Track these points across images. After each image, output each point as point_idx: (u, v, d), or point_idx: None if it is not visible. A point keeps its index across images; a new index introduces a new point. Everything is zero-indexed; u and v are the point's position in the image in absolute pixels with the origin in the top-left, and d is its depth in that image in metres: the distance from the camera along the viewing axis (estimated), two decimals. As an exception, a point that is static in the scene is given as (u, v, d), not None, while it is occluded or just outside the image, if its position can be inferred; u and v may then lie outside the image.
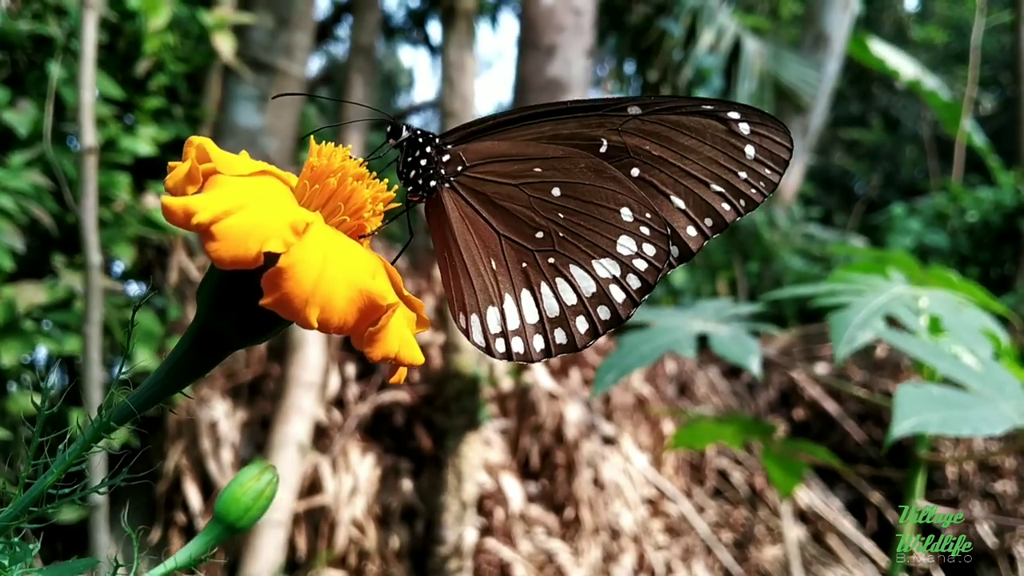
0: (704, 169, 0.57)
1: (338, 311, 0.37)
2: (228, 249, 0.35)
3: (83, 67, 1.71)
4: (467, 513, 2.63)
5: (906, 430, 0.92)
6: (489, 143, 0.57)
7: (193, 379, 0.43)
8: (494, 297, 0.55)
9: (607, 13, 5.13)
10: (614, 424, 3.14)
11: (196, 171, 0.38)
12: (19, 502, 0.36)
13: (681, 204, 0.57)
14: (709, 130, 0.56)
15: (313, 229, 0.38)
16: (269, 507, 0.47)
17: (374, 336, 0.39)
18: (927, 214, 5.18)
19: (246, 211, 0.36)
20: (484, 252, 0.56)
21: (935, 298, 1.28)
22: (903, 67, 6.03)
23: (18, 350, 2.25)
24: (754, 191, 0.57)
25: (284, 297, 0.36)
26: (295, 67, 3.07)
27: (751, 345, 1.25)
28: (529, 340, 0.56)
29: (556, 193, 0.56)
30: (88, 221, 1.69)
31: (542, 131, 0.57)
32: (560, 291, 0.56)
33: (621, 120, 0.56)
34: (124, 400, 0.40)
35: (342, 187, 0.43)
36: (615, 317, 0.56)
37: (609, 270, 0.56)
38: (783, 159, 0.57)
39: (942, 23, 9.61)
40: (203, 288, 0.41)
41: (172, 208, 0.35)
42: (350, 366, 2.84)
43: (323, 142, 0.44)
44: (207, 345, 0.42)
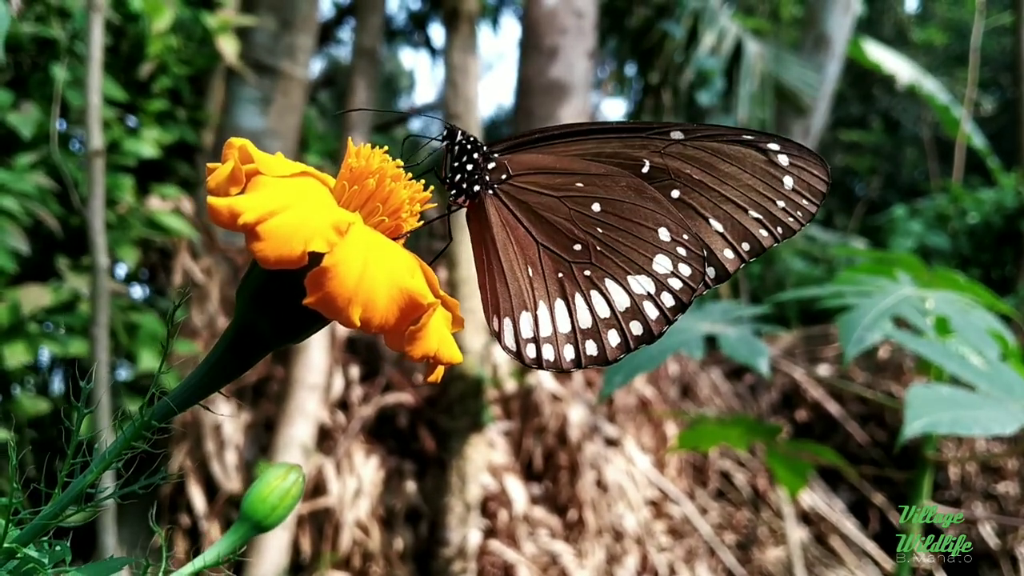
0: (743, 196, 0.58)
1: (380, 310, 0.38)
2: (273, 249, 0.35)
3: (90, 70, 1.72)
4: (471, 515, 2.63)
5: (917, 430, 0.93)
6: (534, 155, 0.58)
7: (231, 379, 0.43)
8: (528, 303, 0.56)
9: (608, 15, 5.14)
10: (617, 426, 3.14)
11: (239, 172, 0.39)
12: (58, 501, 0.37)
13: (719, 228, 0.58)
14: (749, 159, 0.57)
15: (354, 229, 0.38)
16: (295, 507, 0.48)
17: (415, 335, 0.39)
18: (928, 216, 5.19)
19: (290, 211, 0.36)
20: (522, 259, 0.56)
21: (942, 299, 1.29)
22: (901, 70, 6.04)
23: (23, 352, 2.25)
24: (791, 220, 0.58)
25: (327, 296, 0.36)
26: (298, 69, 3.07)
27: (759, 346, 1.26)
28: (560, 349, 0.56)
29: (596, 208, 0.57)
30: (96, 224, 1.70)
31: (586, 148, 0.58)
32: (594, 303, 0.56)
33: (664, 143, 0.58)
34: (164, 399, 0.40)
35: (380, 188, 0.43)
36: (647, 333, 0.57)
37: (644, 287, 0.56)
38: (820, 191, 0.58)
39: (942, 25, 9.62)
40: (243, 288, 0.42)
41: (218, 208, 0.36)
42: (354, 368, 2.84)
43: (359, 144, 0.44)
44: (246, 345, 0.43)
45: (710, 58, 4.79)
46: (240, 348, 0.42)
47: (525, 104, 3.93)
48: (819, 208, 0.59)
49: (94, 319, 1.77)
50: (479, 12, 3.06)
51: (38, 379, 2.81)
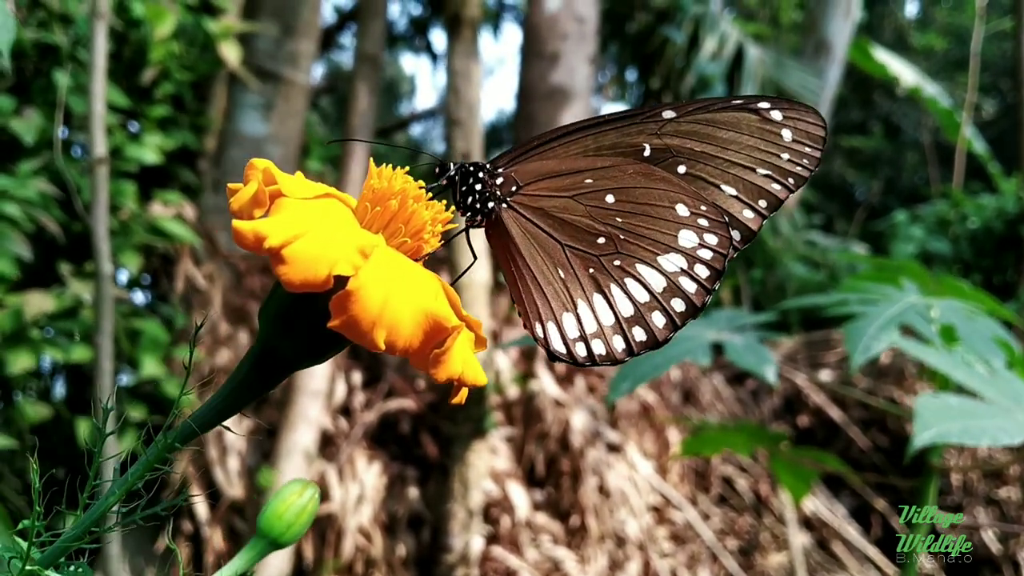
0: (747, 156, 0.59)
1: (404, 333, 0.38)
2: (298, 272, 0.35)
3: (94, 78, 1.72)
4: (473, 521, 2.63)
5: (927, 440, 0.93)
6: (537, 163, 0.59)
7: (252, 400, 0.43)
8: (567, 304, 0.57)
9: (608, 21, 5.14)
10: (619, 432, 3.14)
11: (263, 194, 0.39)
12: (80, 522, 0.37)
13: (732, 192, 0.59)
14: (744, 121, 0.59)
15: (378, 252, 0.38)
16: (311, 523, 0.48)
17: (439, 358, 0.39)
18: (929, 221, 5.19)
19: (314, 235, 0.36)
20: (551, 263, 0.57)
21: (947, 307, 1.29)
22: (904, 74, 6.04)
23: (26, 359, 2.25)
24: (800, 168, 0.59)
25: (352, 320, 0.36)
26: (300, 75, 3.08)
27: (766, 354, 1.26)
28: (609, 341, 0.57)
29: (610, 200, 0.58)
30: (99, 231, 1.70)
31: (585, 145, 0.59)
32: (631, 290, 0.57)
33: (658, 125, 0.59)
34: (187, 421, 0.40)
35: (403, 209, 0.43)
36: (691, 307, 0.57)
37: (676, 263, 0.57)
38: (820, 136, 0.59)
39: (942, 30, 9.64)
40: (266, 310, 0.42)
41: (243, 232, 0.36)
42: (356, 374, 2.84)
43: (382, 164, 0.44)
44: (268, 366, 0.43)
45: (711, 63, 4.80)
46: (263, 369, 0.42)
47: (526, 109, 3.94)
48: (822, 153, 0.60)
49: (98, 327, 1.77)
50: (481, 18, 3.06)
51: (40, 385, 2.80)
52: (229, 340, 2.72)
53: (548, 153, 0.59)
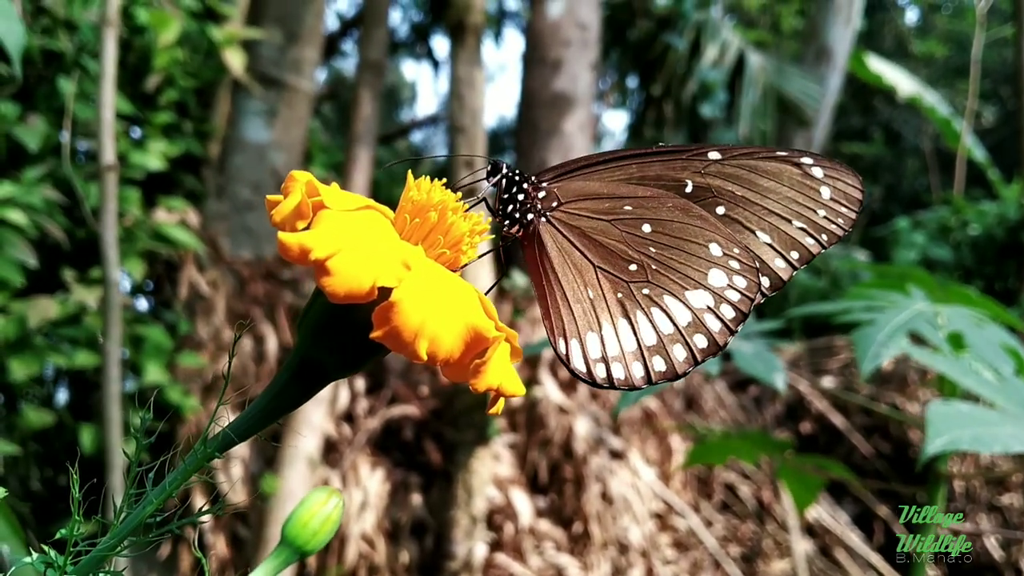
0: (784, 208, 0.60)
1: (446, 344, 0.38)
2: (343, 284, 0.36)
3: (103, 86, 1.72)
4: (477, 528, 2.63)
5: (939, 448, 0.93)
6: (581, 182, 0.60)
7: (291, 409, 0.43)
8: (593, 324, 0.58)
9: (610, 28, 5.15)
10: (622, 438, 3.14)
11: (306, 206, 0.39)
12: (117, 532, 0.37)
13: (767, 239, 0.60)
14: (785, 173, 0.60)
15: (420, 264, 0.39)
16: (335, 531, 0.48)
17: (479, 368, 0.40)
18: (931, 227, 5.19)
19: (358, 247, 0.37)
20: (581, 282, 0.58)
21: (955, 314, 1.29)
22: (901, 83, 6.05)
23: (30, 365, 2.24)
24: (834, 227, 0.60)
25: (394, 330, 0.37)
26: (304, 82, 3.08)
27: (774, 362, 1.26)
28: (629, 366, 0.57)
29: (647, 229, 0.59)
30: (108, 238, 1.70)
31: (630, 173, 0.60)
32: (656, 320, 0.58)
33: (703, 164, 0.60)
34: (225, 430, 0.41)
35: (442, 221, 0.44)
36: (712, 344, 0.58)
37: (703, 301, 0.58)
38: (857, 199, 0.60)
39: (943, 37, 9.65)
40: (306, 321, 0.42)
41: (288, 245, 0.36)
42: (360, 381, 2.84)
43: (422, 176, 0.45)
44: (308, 376, 0.43)
45: (712, 70, 4.80)
46: (302, 379, 0.43)
47: (529, 116, 3.95)
48: (858, 214, 0.61)
49: (106, 333, 1.77)
50: (484, 24, 3.07)
51: (43, 392, 2.80)
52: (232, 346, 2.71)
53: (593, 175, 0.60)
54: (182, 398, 2.48)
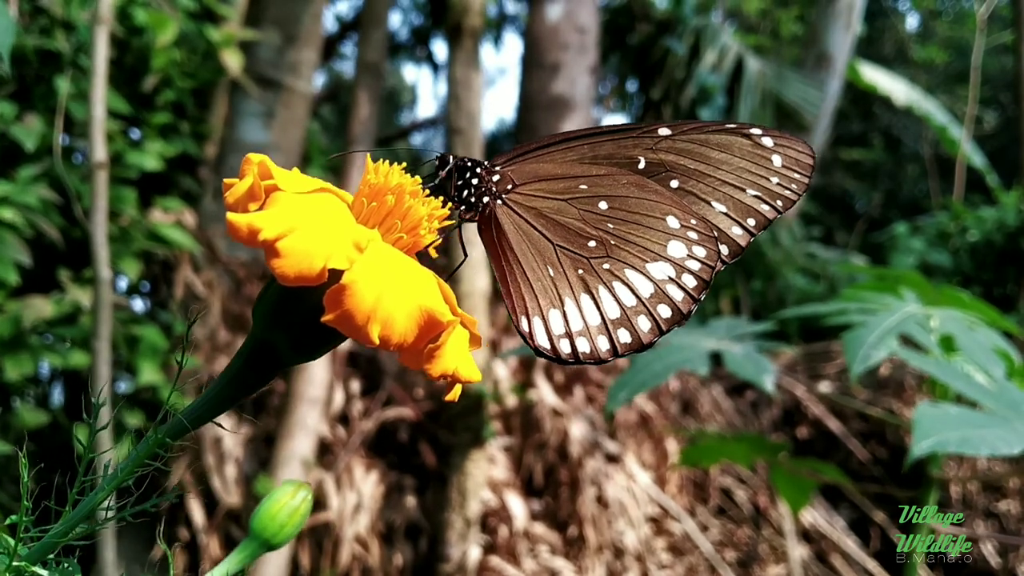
0: (738, 177, 0.61)
1: (399, 328, 0.37)
2: (293, 266, 0.35)
3: (95, 83, 1.72)
4: (471, 530, 2.62)
5: (926, 449, 0.92)
6: (535, 164, 0.61)
7: (245, 396, 0.43)
8: (554, 301, 0.58)
9: (609, 32, 5.16)
10: (618, 442, 3.13)
11: (258, 187, 0.38)
12: (69, 519, 0.36)
13: (723, 208, 0.62)
14: (736, 144, 0.61)
15: (373, 246, 0.38)
16: (303, 524, 0.47)
17: (433, 353, 0.39)
18: (929, 233, 5.19)
19: (310, 228, 0.36)
20: (541, 261, 0.59)
21: (947, 317, 1.28)
22: (896, 91, 6.05)
23: (24, 364, 2.24)
24: (788, 192, 0.62)
25: (346, 314, 0.36)
26: (301, 84, 3.08)
27: (765, 364, 1.25)
28: (594, 340, 0.58)
29: (603, 206, 0.60)
30: (98, 236, 1.69)
31: (582, 152, 0.61)
32: (618, 293, 0.58)
33: (654, 140, 0.61)
34: (178, 416, 0.40)
35: (399, 205, 0.43)
36: (677, 313, 0.59)
37: (664, 272, 0.59)
38: (808, 164, 0.62)
39: (943, 43, 9.65)
40: (260, 305, 0.42)
41: (237, 225, 0.35)
42: (355, 382, 2.84)
43: (378, 160, 0.44)
44: (262, 362, 0.42)
45: (711, 75, 4.80)
46: (256, 365, 0.42)
47: (527, 119, 3.95)
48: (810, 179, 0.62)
49: (96, 332, 1.76)
50: (482, 28, 3.07)
51: (38, 391, 2.80)
52: (228, 347, 2.71)
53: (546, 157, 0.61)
54: (177, 399, 2.47)
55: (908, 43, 10.16)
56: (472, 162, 0.60)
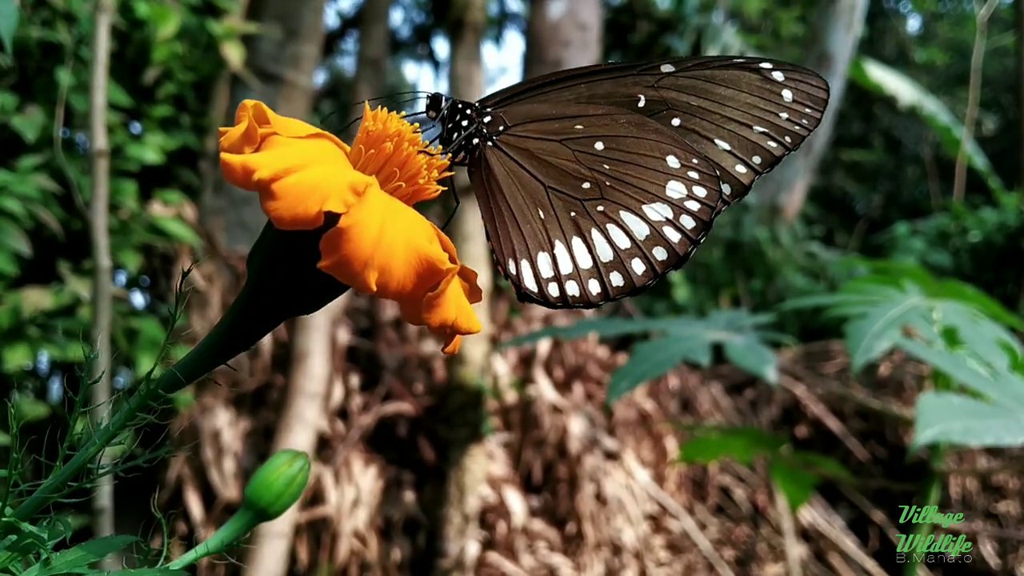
0: (744, 114, 0.59)
1: (397, 275, 0.36)
2: (288, 208, 0.34)
3: (95, 69, 1.71)
4: (469, 526, 2.62)
5: (929, 438, 0.92)
6: (528, 105, 0.59)
7: (240, 350, 0.42)
8: (544, 244, 0.57)
9: (611, 30, 5.15)
10: (617, 439, 3.12)
11: (254, 130, 0.38)
12: (59, 474, 0.36)
13: (726, 146, 0.59)
14: (744, 79, 0.59)
15: (372, 191, 0.37)
16: (300, 494, 0.47)
17: (432, 301, 0.38)
18: (930, 234, 5.18)
19: (306, 170, 0.35)
20: (531, 203, 0.57)
21: (950, 309, 1.28)
22: (901, 91, 6.05)
23: (22, 355, 2.23)
24: (798, 128, 0.59)
25: (343, 259, 0.35)
26: (302, 78, 3.07)
27: (766, 354, 1.25)
28: (584, 283, 0.56)
29: (599, 147, 0.57)
30: (98, 224, 1.69)
31: (578, 92, 0.59)
32: (612, 236, 0.57)
33: (655, 78, 0.59)
34: (171, 369, 0.39)
35: (398, 152, 0.42)
36: (673, 255, 0.57)
37: (661, 213, 0.57)
38: (821, 98, 0.59)
39: (944, 45, 9.65)
40: (256, 251, 0.41)
41: (231, 164, 0.35)
42: (354, 377, 2.83)
43: (377, 108, 0.43)
44: (257, 313, 0.41)
45: (713, 74, 4.79)
46: (251, 316, 0.41)
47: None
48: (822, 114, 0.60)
49: (95, 321, 1.75)
50: (484, 24, 3.07)
51: (37, 383, 2.79)
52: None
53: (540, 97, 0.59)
54: (176, 391, 2.47)
55: (909, 44, 10.16)
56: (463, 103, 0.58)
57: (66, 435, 0.36)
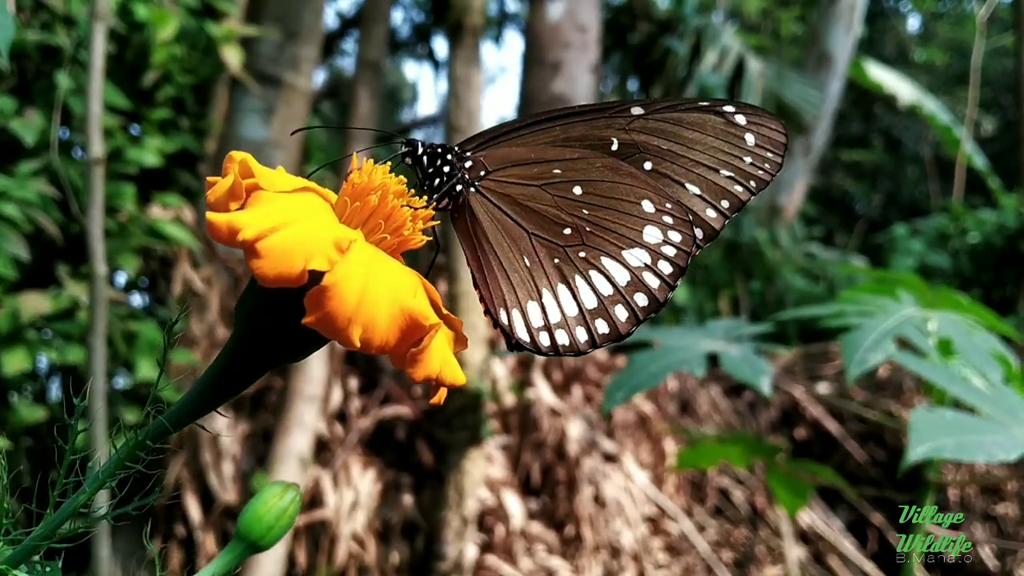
0: (711, 158, 0.60)
1: (381, 331, 0.37)
2: (273, 267, 0.35)
3: (92, 79, 1.71)
4: (468, 529, 2.62)
5: (921, 455, 0.92)
6: (506, 149, 0.59)
7: (228, 398, 0.42)
8: (532, 292, 0.57)
9: (611, 31, 5.15)
10: (615, 441, 3.13)
11: (239, 186, 0.38)
12: (50, 521, 0.36)
13: (696, 191, 0.60)
14: (709, 123, 0.60)
15: (356, 247, 0.37)
16: (291, 526, 0.47)
17: (416, 357, 0.38)
18: (929, 235, 5.18)
19: (290, 228, 0.35)
20: (516, 250, 0.57)
21: (945, 320, 1.28)
22: (901, 91, 6.05)
23: (21, 359, 2.24)
24: (761, 172, 0.60)
25: (327, 316, 0.36)
26: (302, 80, 3.07)
27: (761, 366, 1.25)
28: (572, 331, 0.57)
29: (577, 191, 0.58)
30: (95, 232, 1.69)
31: (554, 135, 0.60)
32: (595, 283, 0.57)
33: (626, 120, 0.60)
34: (159, 419, 0.40)
35: (383, 205, 0.42)
36: (653, 301, 0.58)
37: (640, 259, 0.58)
38: (781, 143, 0.60)
39: (944, 45, 9.65)
40: (242, 305, 0.41)
41: (217, 224, 0.35)
42: (352, 380, 2.83)
43: (363, 159, 0.44)
44: (244, 363, 0.42)
45: (712, 75, 4.80)
46: (238, 367, 0.41)
47: (528, 118, 3.93)
48: (783, 158, 0.61)
49: (92, 328, 1.76)
50: (483, 26, 3.07)
51: (35, 386, 2.79)
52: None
53: (517, 140, 0.60)
54: (175, 395, 2.48)
55: (909, 44, 10.16)
56: (442, 148, 0.59)
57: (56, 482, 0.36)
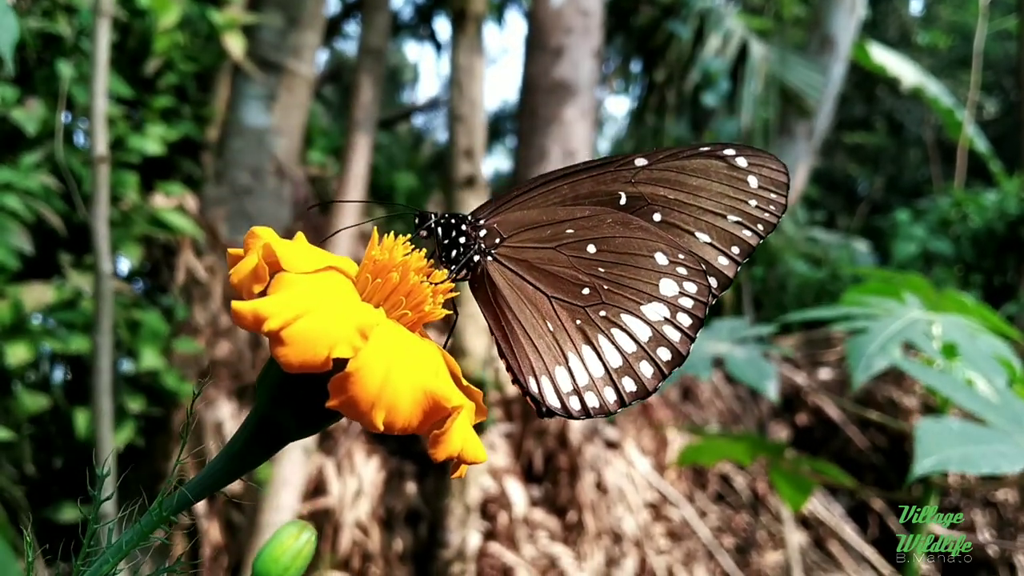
0: (717, 204, 0.60)
1: (403, 414, 0.37)
2: (297, 355, 0.35)
3: (96, 74, 1.71)
4: (471, 517, 2.64)
5: (927, 468, 0.93)
6: (518, 213, 0.59)
7: (250, 468, 0.43)
8: (558, 357, 0.57)
9: (614, 14, 5.12)
10: (617, 429, 3.14)
11: (263, 269, 0.38)
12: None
13: (707, 239, 0.60)
14: (712, 168, 0.60)
15: (378, 331, 0.38)
16: (307, 566, 0.47)
17: (438, 438, 0.39)
18: (931, 220, 5.18)
19: (314, 315, 0.36)
20: (539, 315, 0.57)
21: (949, 324, 1.28)
22: (905, 73, 6.02)
23: (25, 350, 2.24)
24: (767, 215, 0.60)
25: (351, 400, 0.36)
26: (304, 67, 3.06)
27: (767, 369, 1.25)
28: (601, 393, 0.56)
29: (592, 250, 0.58)
30: (99, 229, 1.69)
31: (563, 194, 0.60)
32: (618, 341, 0.57)
33: (631, 173, 0.60)
34: (182, 489, 0.40)
35: (404, 281, 0.43)
36: (676, 355, 0.57)
37: (659, 313, 0.57)
38: (783, 183, 0.60)
39: (946, 28, 9.59)
40: (264, 382, 0.41)
41: (242, 313, 0.35)
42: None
43: (386, 234, 0.44)
44: (267, 437, 0.42)
45: (715, 60, 4.78)
46: (262, 441, 0.42)
47: (529, 102, 3.92)
48: (787, 198, 0.61)
49: (97, 325, 1.76)
50: (485, 12, 3.05)
51: (38, 374, 2.80)
52: (229, 332, 2.71)
53: (528, 203, 0.59)
54: (178, 384, 2.48)
55: (912, 27, 10.10)
56: (456, 218, 0.58)
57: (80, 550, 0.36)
